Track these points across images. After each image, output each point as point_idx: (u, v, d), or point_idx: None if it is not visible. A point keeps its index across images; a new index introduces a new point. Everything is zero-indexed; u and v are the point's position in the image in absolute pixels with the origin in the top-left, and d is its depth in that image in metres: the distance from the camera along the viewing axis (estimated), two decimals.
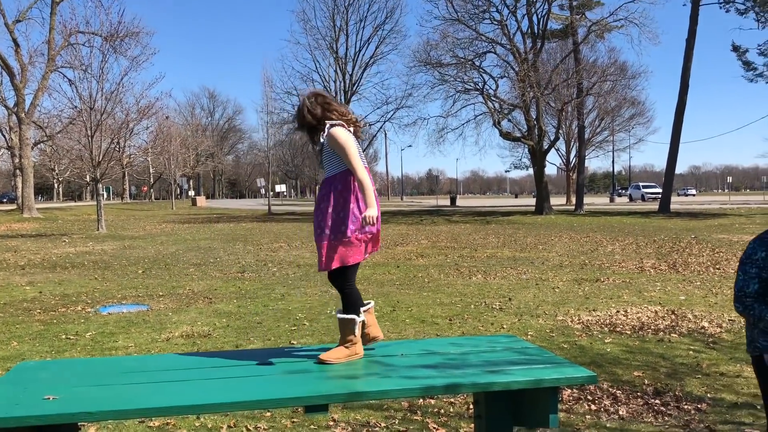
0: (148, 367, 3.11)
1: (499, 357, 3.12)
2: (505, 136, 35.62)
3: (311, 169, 58.37)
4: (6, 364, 5.86)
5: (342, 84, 37.31)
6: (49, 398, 2.57)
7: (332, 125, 3.32)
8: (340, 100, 37.31)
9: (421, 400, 4.86)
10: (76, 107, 25.39)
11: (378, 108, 54.02)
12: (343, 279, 3.25)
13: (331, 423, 4.42)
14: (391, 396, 2.61)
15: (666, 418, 4.48)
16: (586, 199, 59.24)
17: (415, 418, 4.52)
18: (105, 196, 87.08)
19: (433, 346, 3.38)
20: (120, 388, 2.77)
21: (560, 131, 41.67)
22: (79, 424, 4.05)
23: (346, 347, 3.17)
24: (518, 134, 36.57)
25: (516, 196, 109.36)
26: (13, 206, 45.98)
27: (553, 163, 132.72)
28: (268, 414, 4.57)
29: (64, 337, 7.06)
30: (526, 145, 36.12)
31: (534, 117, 33.71)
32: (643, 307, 8.37)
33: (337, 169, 3.29)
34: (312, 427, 4.36)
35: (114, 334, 7.21)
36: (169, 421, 4.43)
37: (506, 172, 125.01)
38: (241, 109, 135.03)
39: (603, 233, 21.98)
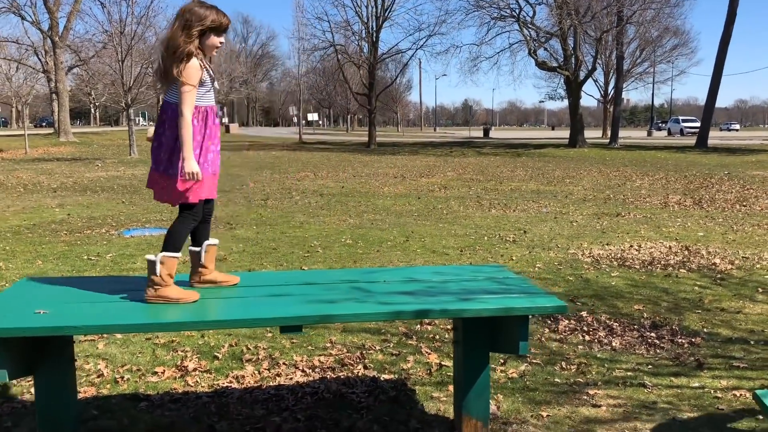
0: (143, 286, 3.26)
1: (478, 286, 3.19)
2: (541, 65, 34.76)
3: (343, 98, 57.95)
4: None
5: (374, 9, 36.51)
6: (40, 312, 2.72)
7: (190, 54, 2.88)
8: (372, 26, 36.60)
9: (419, 326, 5.00)
10: (107, 31, 25.43)
11: (410, 35, 52.98)
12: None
13: (329, 344, 4.59)
14: (363, 319, 2.71)
15: (658, 351, 4.55)
16: (624, 133, 57.97)
17: (410, 342, 4.66)
18: (140, 121, 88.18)
19: (417, 274, 3.46)
20: (110, 305, 2.92)
21: (598, 61, 40.47)
22: (78, 338, 4.28)
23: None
24: (554, 64, 35.62)
25: (553, 128, 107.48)
26: (51, 130, 46.82)
27: (590, 95, 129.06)
28: (270, 335, 4.75)
29: (86, 257, 7.34)
30: (562, 76, 35.25)
31: (571, 46, 32.74)
32: (658, 242, 8.33)
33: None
34: (309, 347, 4.53)
35: (133, 255, 7.46)
36: (174, 338, 4.65)
37: (540, 102, 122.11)
38: (274, 35, 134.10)
39: (634, 168, 21.63)
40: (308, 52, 40.08)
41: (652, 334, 4.86)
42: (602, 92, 55.38)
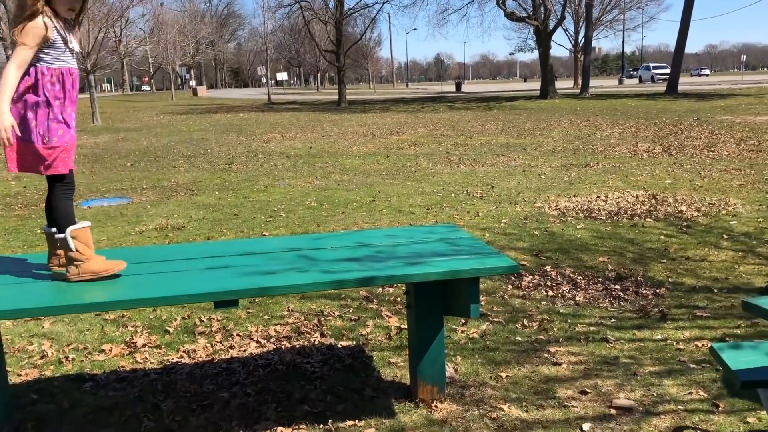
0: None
1: (428, 248, 3.04)
2: (509, 16, 34.28)
3: (312, 56, 56.91)
4: None
5: None
6: None
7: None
8: None
9: (380, 289, 4.87)
10: None
11: None
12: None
13: (286, 313, 4.45)
14: (303, 290, 2.55)
15: (622, 304, 4.47)
16: (596, 82, 57.91)
17: (370, 306, 4.54)
18: (107, 87, 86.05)
19: (368, 238, 3.31)
20: (34, 285, 2.73)
21: (567, 10, 40.05)
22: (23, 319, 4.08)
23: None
24: (523, 14, 35.16)
25: (525, 80, 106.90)
26: None
27: (561, 45, 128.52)
28: None
29: (39, 231, 7.08)
30: (531, 26, 34.83)
31: None
32: (625, 192, 8.26)
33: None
34: (266, 317, 4.39)
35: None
36: (124, 314, 4.47)
37: (511, 55, 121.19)
38: None
39: (605, 117, 21.56)
40: (272, 10, 39.12)
41: (617, 287, 4.79)
42: (573, 42, 55.02)
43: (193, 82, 75.72)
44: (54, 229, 2.87)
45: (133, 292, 2.53)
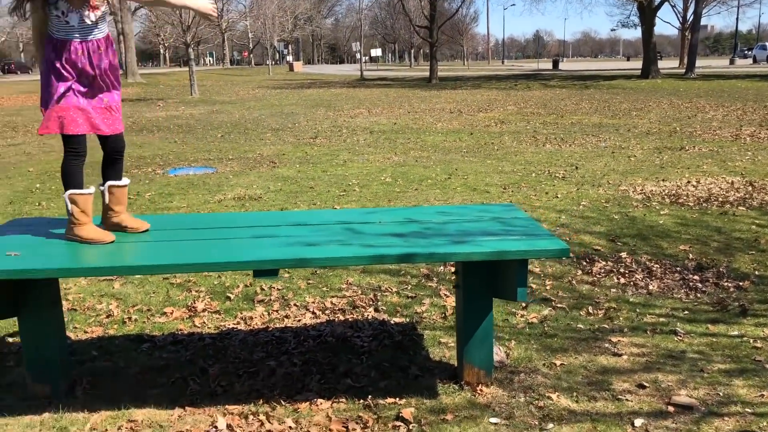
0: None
1: (479, 227, 2.93)
2: None
3: (407, 32, 56.65)
4: None
5: None
6: (10, 254, 2.64)
7: None
8: None
9: (442, 267, 4.78)
10: None
11: None
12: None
13: (344, 286, 4.44)
14: (341, 263, 2.51)
15: (699, 295, 4.19)
16: (706, 62, 54.72)
17: (429, 284, 4.46)
18: (210, 61, 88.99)
19: (418, 214, 3.22)
20: (91, 247, 2.83)
21: None
22: (96, 277, 4.25)
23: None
24: None
25: (628, 59, 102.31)
26: (120, 71, 47.80)
27: (667, 22, 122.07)
28: (287, 275, 4.64)
29: None
30: (634, 2, 33.18)
31: None
32: (720, 177, 7.74)
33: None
34: (324, 288, 4.40)
35: (171, 195, 7.47)
36: (190, 278, 4.60)
37: (612, 31, 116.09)
38: None
39: (709, 99, 20.33)
40: None
41: (695, 277, 4.49)
42: (680, 18, 52.02)
43: (290, 58, 77.16)
44: (102, 189, 2.98)
45: (179, 257, 2.57)
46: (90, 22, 2.87)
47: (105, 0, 2.88)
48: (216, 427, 2.72)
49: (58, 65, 2.82)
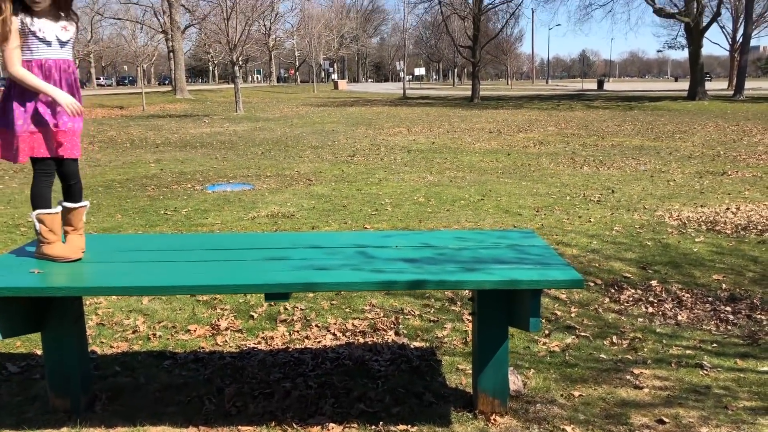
0: (152, 246, 3.22)
1: (493, 254, 2.91)
2: (658, 12, 32.36)
3: (450, 51, 56.77)
4: None
5: None
6: (33, 272, 2.73)
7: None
8: None
9: (467, 292, 4.75)
10: None
11: None
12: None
13: (367, 308, 4.45)
14: (350, 288, 2.53)
15: (729, 328, 4.07)
16: (757, 83, 53.41)
17: (453, 308, 4.44)
18: (259, 78, 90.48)
19: (436, 239, 3.22)
20: (113, 266, 2.90)
21: (725, 5, 37.17)
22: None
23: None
24: (674, 10, 33.04)
25: (676, 80, 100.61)
26: (170, 88, 49.08)
27: (716, 43, 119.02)
28: (311, 295, 4.67)
29: (162, 212, 7.56)
30: (682, 23, 32.67)
31: None
32: (762, 204, 7.53)
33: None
34: (347, 310, 4.41)
35: (207, 211, 7.61)
36: (216, 296, 4.66)
37: (659, 52, 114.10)
38: None
39: (757, 122, 19.83)
40: (412, 5, 39.39)
41: (727, 308, 4.37)
42: (730, 39, 50.96)
43: (335, 76, 78.01)
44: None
45: (191, 278, 2.62)
46: (64, 39, 2.97)
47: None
48: None
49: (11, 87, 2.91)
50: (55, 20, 2.90)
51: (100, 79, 79.06)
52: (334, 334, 4.02)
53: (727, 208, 7.32)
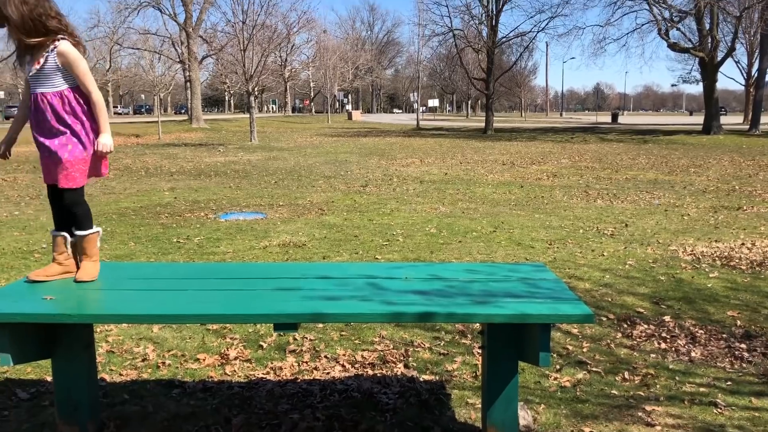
0: (163, 275, 3.24)
1: (504, 288, 2.90)
2: (672, 47, 32.50)
3: (464, 83, 57.19)
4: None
5: None
6: (46, 299, 2.75)
7: (62, 38, 3.01)
8: (492, 9, 35.72)
9: (478, 324, 4.72)
10: (230, 21, 26.50)
11: (531, 17, 51.19)
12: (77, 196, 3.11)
13: (377, 339, 4.43)
14: (359, 320, 2.53)
15: (744, 365, 4.01)
16: None
17: (464, 341, 4.41)
18: (274, 108, 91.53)
19: (446, 271, 3.21)
20: (124, 293, 2.92)
21: (740, 40, 37.28)
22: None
23: (94, 261, 3.13)
24: (688, 45, 33.18)
25: (691, 114, 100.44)
26: (186, 117, 49.69)
27: (730, 78, 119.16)
28: (320, 326, 4.66)
29: (175, 240, 7.61)
30: (696, 57, 32.78)
31: (707, 25, 30.32)
32: None
33: (63, 85, 3.07)
34: (357, 341, 4.39)
35: (219, 239, 7.65)
36: (226, 325, 4.66)
37: (673, 86, 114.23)
38: (400, 22, 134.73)
39: None
40: (427, 38, 39.86)
41: (742, 346, 4.31)
42: (745, 74, 51.01)
43: (349, 107, 78.72)
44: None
45: (198, 307, 2.62)
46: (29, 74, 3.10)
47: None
48: None
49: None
50: (23, 55, 3.11)
51: (117, 107, 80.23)
52: (343, 366, 4.00)
53: (743, 244, 7.26)
